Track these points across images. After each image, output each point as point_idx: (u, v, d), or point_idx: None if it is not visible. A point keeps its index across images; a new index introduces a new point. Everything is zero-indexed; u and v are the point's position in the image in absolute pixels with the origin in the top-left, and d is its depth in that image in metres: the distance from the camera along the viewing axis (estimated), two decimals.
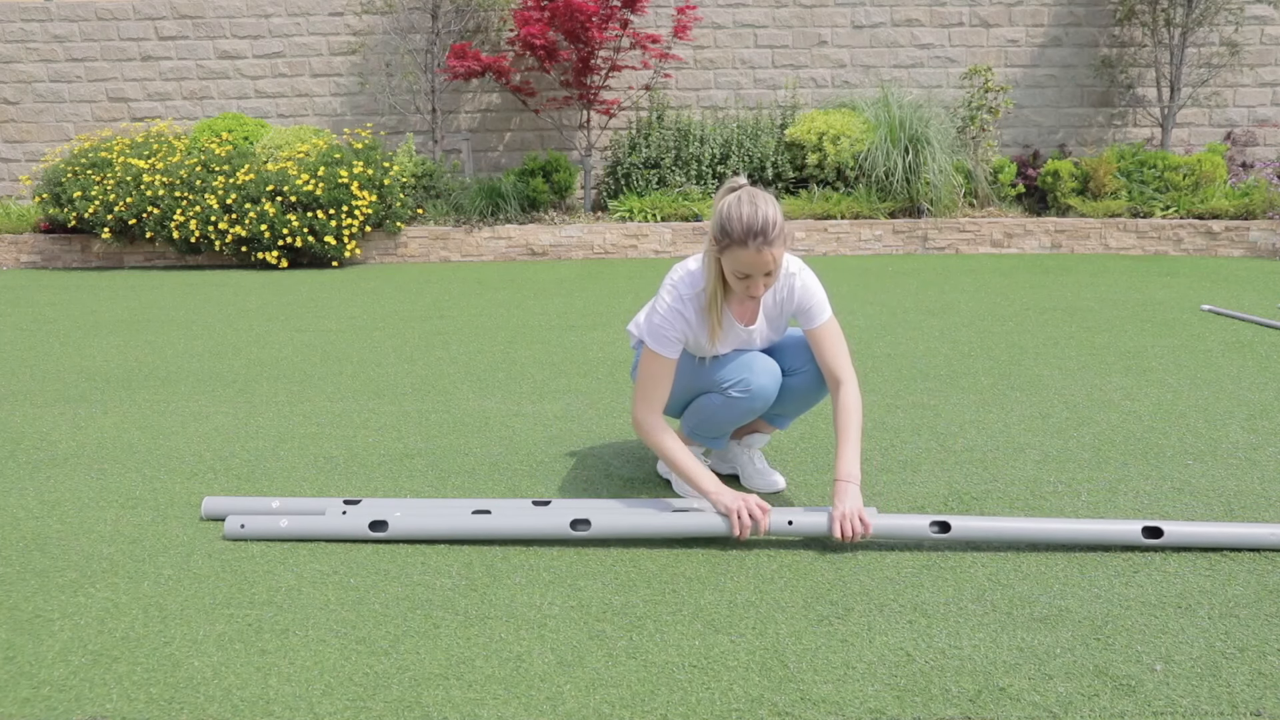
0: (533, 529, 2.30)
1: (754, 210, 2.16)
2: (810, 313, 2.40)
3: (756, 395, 2.41)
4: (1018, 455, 2.90)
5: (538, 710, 1.65)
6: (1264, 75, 8.38)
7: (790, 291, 2.41)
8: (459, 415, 3.41)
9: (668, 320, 2.34)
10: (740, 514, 2.22)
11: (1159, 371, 3.84)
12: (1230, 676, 1.71)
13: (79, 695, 1.71)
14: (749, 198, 2.19)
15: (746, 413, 2.46)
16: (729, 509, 2.23)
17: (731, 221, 2.17)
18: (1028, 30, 8.39)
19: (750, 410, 2.45)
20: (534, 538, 2.30)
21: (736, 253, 2.19)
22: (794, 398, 2.54)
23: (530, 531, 2.30)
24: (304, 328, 5.02)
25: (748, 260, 2.19)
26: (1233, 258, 7.05)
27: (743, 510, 2.22)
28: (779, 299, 2.43)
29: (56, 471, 2.88)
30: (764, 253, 2.17)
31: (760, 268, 2.20)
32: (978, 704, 1.64)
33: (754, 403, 2.43)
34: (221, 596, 2.07)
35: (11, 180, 8.77)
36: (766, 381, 2.41)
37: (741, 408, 2.43)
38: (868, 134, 7.59)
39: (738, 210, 2.17)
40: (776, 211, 2.19)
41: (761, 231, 2.15)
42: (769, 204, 2.19)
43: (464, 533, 2.31)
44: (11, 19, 8.45)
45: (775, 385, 2.43)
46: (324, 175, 7.19)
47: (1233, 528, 2.21)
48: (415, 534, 2.32)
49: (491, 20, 8.35)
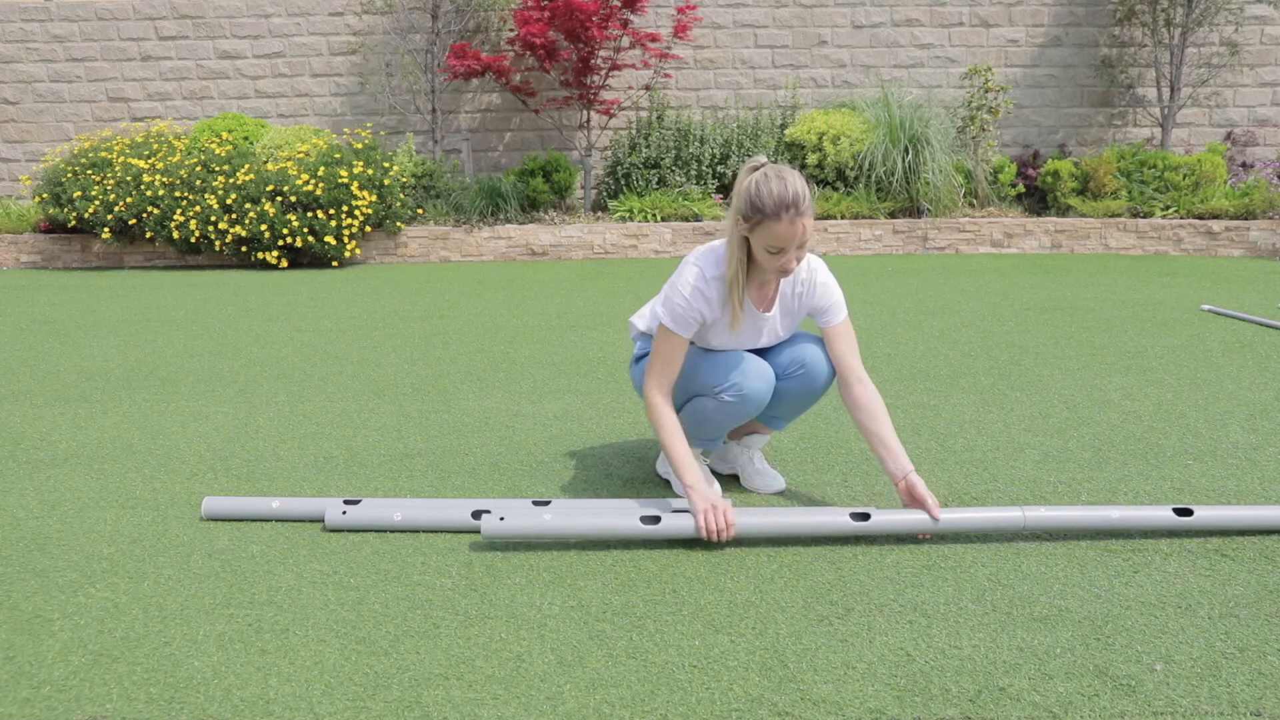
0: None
1: (783, 184, 2.19)
2: (830, 311, 2.44)
3: (748, 399, 2.41)
4: (1018, 455, 2.90)
5: (538, 710, 1.65)
6: (1264, 75, 8.38)
7: (811, 287, 2.43)
8: (459, 415, 3.41)
9: (688, 299, 2.34)
10: (707, 516, 2.23)
11: (1159, 371, 3.84)
12: (1230, 676, 1.71)
13: (79, 695, 1.71)
14: (775, 173, 2.22)
15: (739, 416, 2.46)
16: (697, 510, 2.25)
17: (762, 197, 2.19)
18: (1028, 30, 8.39)
19: (743, 413, 2.46)
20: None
21: (770, 227, 2.20)
22: (788, 401, 2.53)
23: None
24: (304, 328, 5.02)
25: (782, 233, 2.20)
26: (1233, 258, 7.05)
27: (709, 515, 2.23)
28: (797, 291, 2.44)
29: (56, 471, 2.88)
30: (797, 224, 2.19)
31: (794, 240, 2.22)
32: (978, 704, 1.64)
33: (746, 406, 2.43)
34: (221, 596, 2.07)
35: (11, 180, 8.77)
36: (759, 385, 2.41)
37: (733, 411, 2.44)
38: (868, 134, 7.59)
39: (767, 186, 2.20)
40: (803, 184, 2.22)
41: (794, 204, 2.18)
42: (796, 177, 2.22)
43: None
44: (11, 19, 8.45)
45: (768, 389, 2.43)
46: (324, 175, 7.20)
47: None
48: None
49: (491, 20, 8.35)
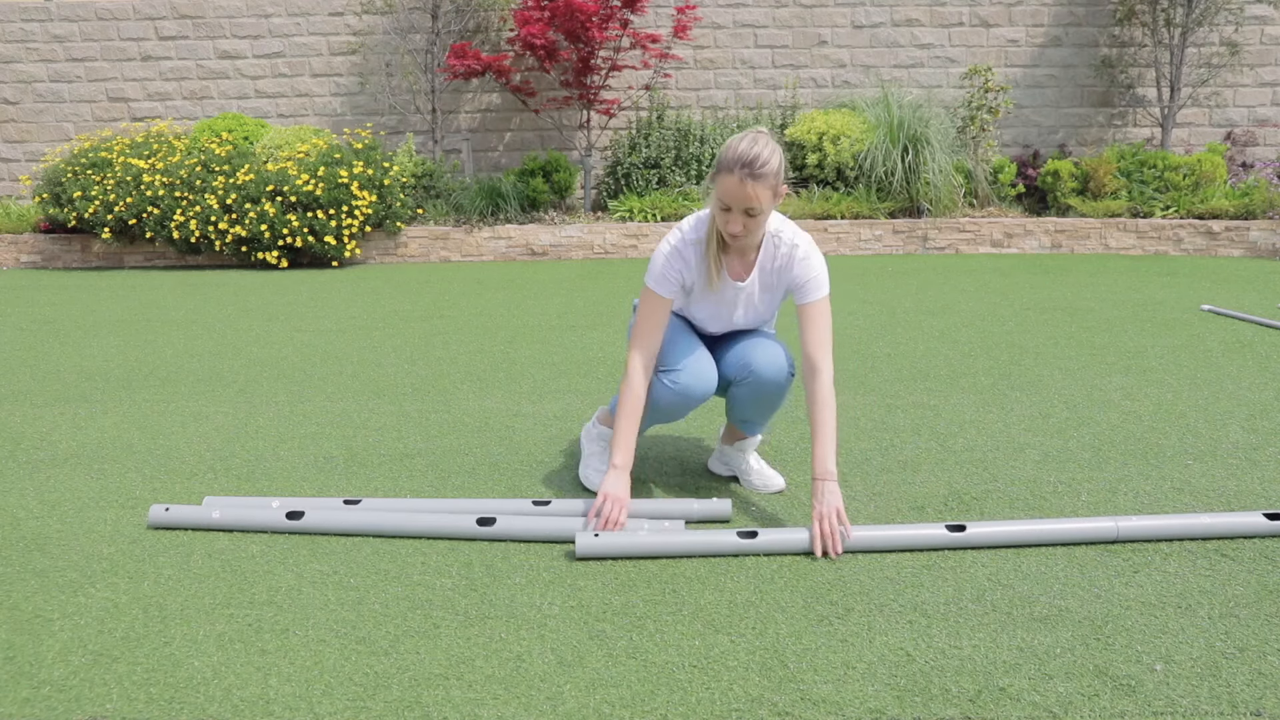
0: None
1: (750, 145, 2.19)
2: (807, 287, 2.38)
3: (680, 392, 2.39)
4: (1018, 455, 2.90)
5: (538, 710, 1.65)
6: (1264, 75, 8.38)
7: (790, 260, 2.39)
8: (459, 415, 3.41)
9: (667, 258, 2.38)
10: (599, 509, 2.28)
11: (1159, 371, 3.84)
12: (1230, 676, 1.71)
13: (79, 695, 1.71)
14: (752, 135, 2.22)
15: (671, 405, 2.43)
16: (600, 491, 2.30)
17: (726, 150, 2.22)
18: (1028, 30, 8.39)
19: (672, 405, 2.42)
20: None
21: (722, 180, 2.21)
22: (745, 405, 2.50)
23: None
24: (304, 328, 5.01)
25: (730, 189, 2.20)
26: (1233, 258, 7.05)
27: (601, 507, 2.28)
28: (777, 265, 2.41)
29: (56, 471, 2.88)
30: (746, 185, 2.18)
31: (740, 201, 2.20)
32: (978, 704, 1.64)
33: (676, 398, 2.41)
34: (221, 596, 2.07)
35: (11, 180, 8.77)
36: (694, 384, 2.39)
37: (667, 397, 2.41)
38: (868, 134, 7.59)
39: (736, 142, 2.22)
40: (772, 154, 2.20)
41: (749, 163, 2.17)
42: (768, 146, 2.21)
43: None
44: (11, 19, 8.45)
45: (702, 391, 2.41)
46: (324, 175, 7.19)
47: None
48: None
49: (491, 20, 8.35)
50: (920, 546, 2.24)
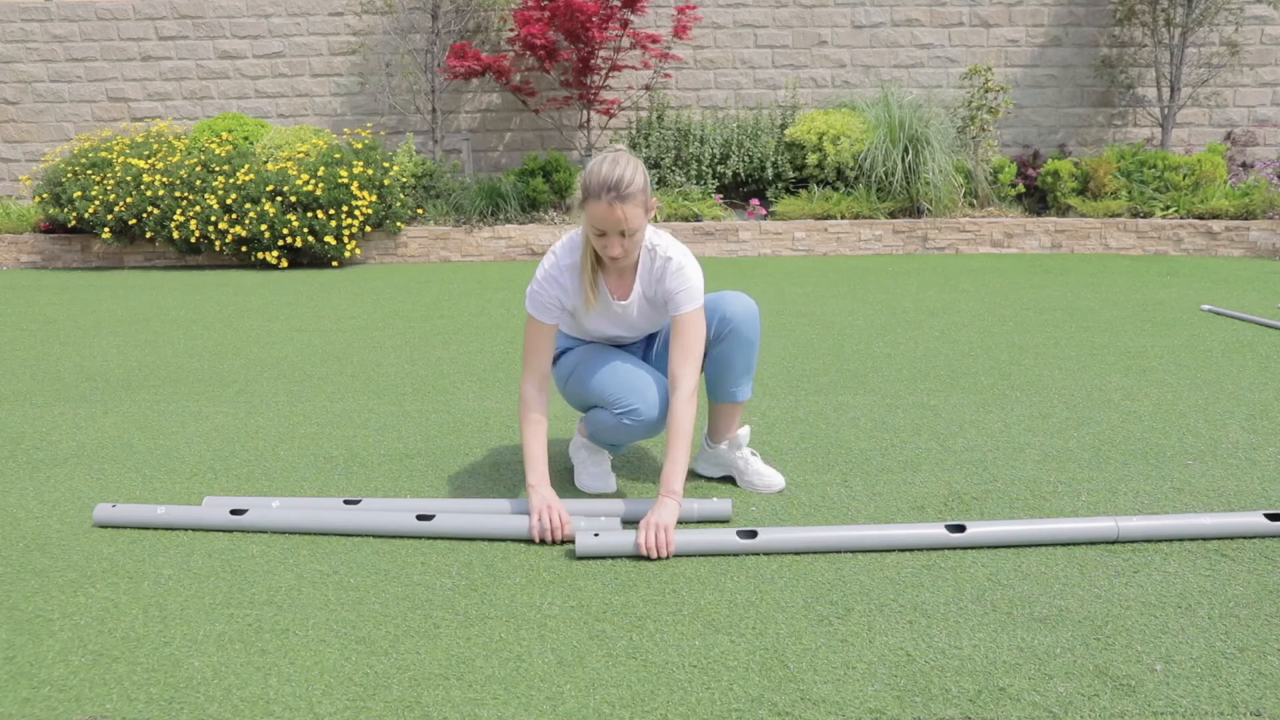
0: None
1: (612, 167, 2.20)
2: (678, 298, 2.38)
3: (646, 425, 2.45)
4: (1018, 455, 2.90)
5: (538, 710, 1.65)
6: (1264, 75, 8.38)
7: (664, 272, 2.40)
8: (459, 415, 3.41)
9: (543, 286, 2.39)
10: (541, 516, 2.28)
11: (1159, 371, 3.84)
12: (1230, 676, 1.71)
13: (79, 695, 1.71)
14: (612, 157, 2.23)
15: (639, 436, 2.50)
16: (533, 509, 2.30)
17: (589, 177, 2.22)
18: (1028, 30, 8.39)
19: (644, 434, 2.49)
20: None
21: (591, 207, 2.22)
22: (734, 357, 2.52)
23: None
24: (304, 328, 5.02)
25: (600, 215, 2.21)
26: (1233, 258, 7.05)
27: (544, 513, 2.28)
28: (654, 277, 2.42)
29: (56, 471, 2.88)
30: (615, 208, 2.19)
31: (613, 225, 2.22)
32: (978, 704, 1.64)
33: (643, 430, 2.47)
34: (221, 596, 2.07)
35: (11, 180, 8.77)
36: (653, 414, 2.43)
37: (633, 433, 2.48)
38: (868, 134, 7.59)
39: (597, 167, 2.22)
40: (635, 172, 2.21)
41: (614, 187, 2.18)
42: (630, 164, 2.22)
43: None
44: (11, 19, 8.45)
45: (661, 412, 2.45)
46: (324, 175, 7.20)
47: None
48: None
49: (491, 20, 8.35)
50: (920, 546, 2.24)
